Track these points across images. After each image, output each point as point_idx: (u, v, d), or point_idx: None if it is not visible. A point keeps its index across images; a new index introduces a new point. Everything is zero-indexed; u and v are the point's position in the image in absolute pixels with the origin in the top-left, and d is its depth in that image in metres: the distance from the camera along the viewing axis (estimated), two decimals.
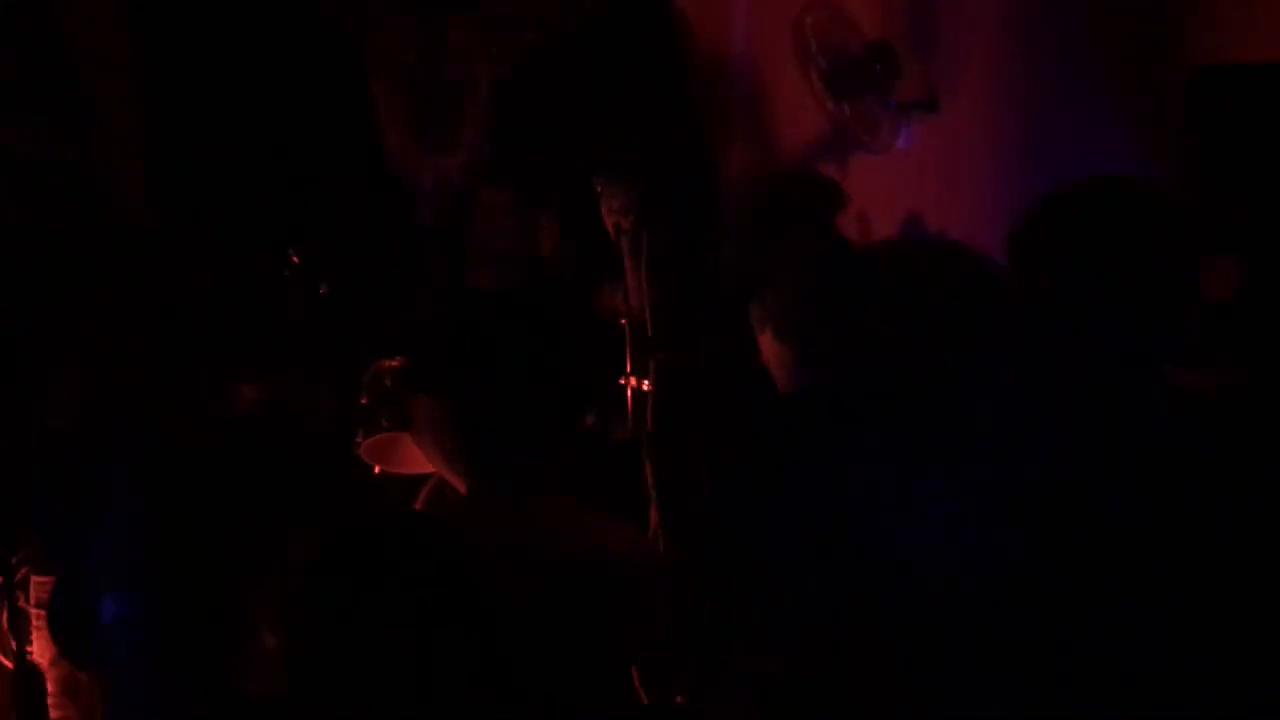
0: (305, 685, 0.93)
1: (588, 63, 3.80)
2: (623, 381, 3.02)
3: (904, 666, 1.68)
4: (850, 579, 1.79)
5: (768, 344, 2.07)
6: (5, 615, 2.85)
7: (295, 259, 3.33)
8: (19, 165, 2.99)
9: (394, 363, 3.09)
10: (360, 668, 0.91)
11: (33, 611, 2.82)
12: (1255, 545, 1.50)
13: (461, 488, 2.00)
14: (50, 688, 2.78)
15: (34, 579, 2.84)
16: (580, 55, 3.80)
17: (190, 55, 3.77)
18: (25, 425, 2.70)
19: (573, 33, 3.77)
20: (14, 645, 2.87)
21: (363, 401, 3.04)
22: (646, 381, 2.94)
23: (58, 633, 2.45)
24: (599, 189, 2.89)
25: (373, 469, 2.68)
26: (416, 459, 3.10)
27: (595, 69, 3.81)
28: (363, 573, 0.99)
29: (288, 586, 1.00)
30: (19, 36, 3.20)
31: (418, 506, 3.04)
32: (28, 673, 2.76)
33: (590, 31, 3.81)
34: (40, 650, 2.80)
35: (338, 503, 2.41)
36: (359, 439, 3.06)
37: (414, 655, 0.92)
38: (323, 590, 0.98)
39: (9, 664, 2.87)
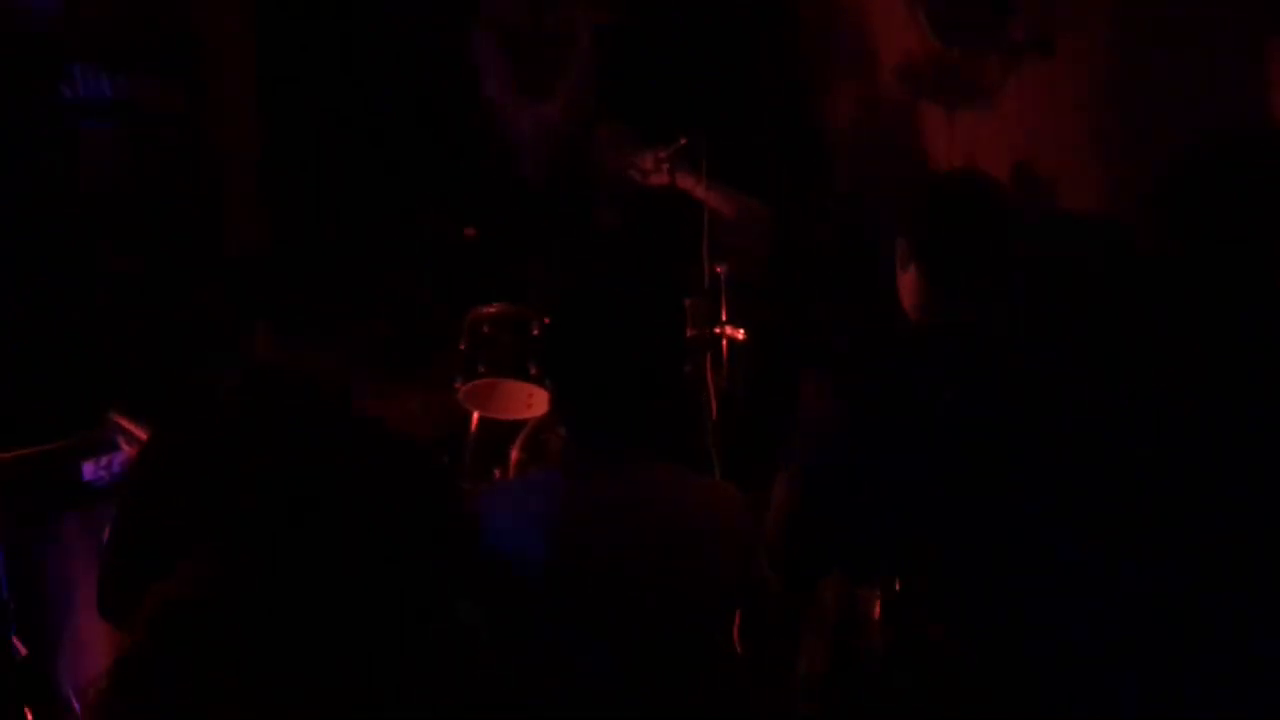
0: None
1: (688, 8, 3.75)
2: (719, 331, 3.00)
3: None
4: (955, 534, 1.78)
5: (910, 280, 2.02)
6: None
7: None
8: (133, 118, 3.06)
9: (491, 309, 3.12)
10: None
11: None
12: None
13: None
14: None
15: None
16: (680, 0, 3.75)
17: (301, 10, 3.82)
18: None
19: None
20: None
21: (461, 347, 3.09)
22: (742, 331, 2.91)
23: None
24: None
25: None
26: (513, 404, 3.15)
27: (696, 14, 3.76)
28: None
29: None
30: None
31: (514, 452, 3.08)
32: None
33: None
34: None
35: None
36: (457, 384, 3.11)
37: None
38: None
39: None
